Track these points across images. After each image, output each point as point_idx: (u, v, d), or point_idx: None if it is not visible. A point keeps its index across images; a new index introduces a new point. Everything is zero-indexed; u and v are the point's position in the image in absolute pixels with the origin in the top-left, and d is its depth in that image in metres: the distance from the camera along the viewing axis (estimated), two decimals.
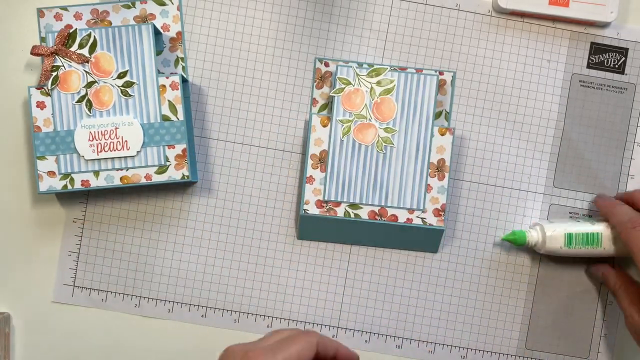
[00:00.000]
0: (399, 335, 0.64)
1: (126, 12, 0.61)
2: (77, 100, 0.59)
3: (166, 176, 0.59)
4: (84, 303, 0.63)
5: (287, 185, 0.63)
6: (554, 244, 0.60)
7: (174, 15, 0.62)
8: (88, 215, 0.63)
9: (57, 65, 0.59)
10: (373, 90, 0.60)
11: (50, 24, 0.60)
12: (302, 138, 0.63)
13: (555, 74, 0.64)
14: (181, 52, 0.63)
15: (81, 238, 0.63)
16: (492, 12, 0.64)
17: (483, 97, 0.64)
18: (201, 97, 0.63)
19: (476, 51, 0.64)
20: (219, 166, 0.63)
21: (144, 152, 0.59)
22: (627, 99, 0.64)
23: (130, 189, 0.63)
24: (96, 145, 0.59)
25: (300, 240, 0.64)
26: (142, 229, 0.63)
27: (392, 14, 0.63)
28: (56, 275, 0.63)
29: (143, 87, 0.59)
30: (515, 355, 0.64)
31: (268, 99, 0.63)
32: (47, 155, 0.59)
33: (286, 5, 0.63)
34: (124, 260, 0.63)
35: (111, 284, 0.63)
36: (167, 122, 0.59)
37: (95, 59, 0.59)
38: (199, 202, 0.63)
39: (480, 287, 0.64)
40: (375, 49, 0.63)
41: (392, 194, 0.61)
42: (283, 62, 0.63)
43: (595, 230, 0.60)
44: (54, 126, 0.59)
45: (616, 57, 0.64)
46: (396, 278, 0.64)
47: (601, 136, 0.64)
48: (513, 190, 0.64)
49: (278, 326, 0.63)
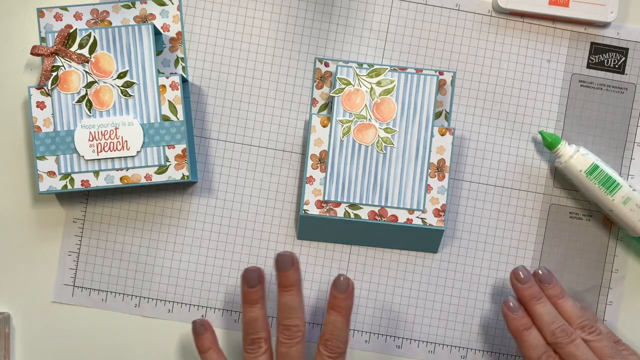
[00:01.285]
0: (399, 335, 0.64)
1: (126, 12, 0.61)
2: (77, 100, 0.59)
3: (166, 176, 0.59)
4: (84, 303, 0.63)
5: (287, 185, 0.63)
6: (579, 164, 0.60)
7: (174, 15, 0.62)
8: (88, 215, 0.63)
9: (57, 65, 0.59)
10: (373, 90, 0.60)
11: (50, 24, 0.60)
12: (302, 138, 0.63)
13: (555, 74, 0.64)
14: (181, 52, 0.63)
15: (81, 238, 0.63)
16: (492, 12, 0.64)
17: (483, 97, 0.64)
18: (201, 97, 0.63)
19: (476, 51, 0.64)
20: (219, 166, 0.63)
21: (144, 152, 0.59)
22: (627, 99, 0.64)
23: (130, 189, 0.63)
24: (96, 145, 0.59)
25: (300, 240, 0.64)
26: (142, 229, 0.63)
27: (392, 14, 0.63)
28: (56, 275, 0.63)
29: (143, 87, 0.59)
30: (516, 355, 0.64)
31: (268, 99, 0.63)
32: (47, 155, 0.59)
33: (286, 5, 0.63)
34: (124, 260, 0.63)
35: (111, 284, 0.63)
36: (167, 122, 0.59)
37: (95, 59, 0.59)
38: (199, 202, 0.63)
39: (480, 287, 0.64)
40: (375, 49, 0.63)
41: (392, 194, 0.61)
42: (283, 62, 0.63)
43: (619, 180, 0.60)
44: (54, 126, 0.59)
45: (616, 57, 0.64)
46: (396, 278, 0.64)
47: (601, 136, 0.64)
48: (513, 190, 0.64)
49: None
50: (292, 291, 0.55)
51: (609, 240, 0.64)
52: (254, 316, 0.55)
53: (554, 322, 0.56)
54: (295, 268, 0.55)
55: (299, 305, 0.55)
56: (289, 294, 0.55)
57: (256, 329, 0.55)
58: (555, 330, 0.56)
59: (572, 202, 0.64)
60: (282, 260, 0.55)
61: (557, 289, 0.58)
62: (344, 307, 0.55)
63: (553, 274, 0.59)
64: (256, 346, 0.55)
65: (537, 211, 0.64)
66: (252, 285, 0.55)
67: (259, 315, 0.55)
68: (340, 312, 0.55)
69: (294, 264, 0.55)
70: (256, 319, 0.55)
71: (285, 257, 0.55)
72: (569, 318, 0.57)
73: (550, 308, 0.57)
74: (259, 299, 0.55)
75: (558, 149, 0.61)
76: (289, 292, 0.55)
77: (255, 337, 0.55)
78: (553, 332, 0.56)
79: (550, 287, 0.58)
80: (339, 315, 0.55)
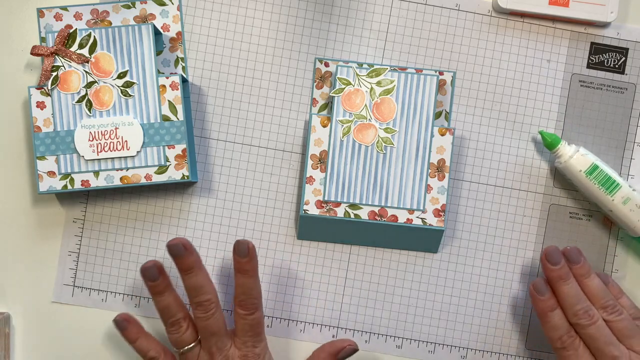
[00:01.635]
0: (399, 336, 0.64)
1: (126, 12, 0.61)
2: (77, 100, 0.59)
3: (166, 176, 0.59)
4: (84, 303, 0.63)
5: (287, 185, 0.63)
6: (579, 164, 0.60)
7: (174, 15, 0.62)
8: (88, 215, 0.63)
9: (57, 65, 0.59)
10: (373, 90, 0.60)
11: (50, 24, 0.60)
12: (302, 138, 0.63)
13: (555, 74, 0.64)
14: (181, 52, 0.63)
15: (81, 238, 0.63)
16: (492, 12, 0.64)
17: (483, 97, 0.64)
18: (201, 97, 0.63)
19: (476, 51, 0.64)
20: (219, 166, 0.63)
21: (144, 152, 0.59)
22: (627, 99, 0.64)
23: (130, 189, 0.63)
24: (96, 145, 0.59)
25: (300, 240, 0.64)
26: (142, 229, 0.63)
27: (392, 14, 0.63)
28: (56, 275, 0.63)
29: (143, 87, 0.59)
30: (516, 355, 0.64)
31: (268, 99, 0.63)
32: (47, 155, 0.59)
33: (286, 5, 0.63)
34: (124, 260, 0.63)
35: (111, 284, 0.63)
36: (167, 122, 0.59)
37: (95, 59, 0.59)
38: (199, 202, 0.63)
39: (480, 287, 0.64)
40: (375, 49, 0.63)
41: (392, 194, 0.61)
42: (283, 62, 0.63)
43: (618, 180, 0.60)
44: (54, 126, 0.59)
45: (616, 57, 0.64)
46: (396, 278, 0.64)
47: (601, 136, 0.64)
48: (513, 190, 0.64)
49: (277, 326, 0.63)
50: (193, 272, 0.57)
51: (609, 240, 0.64)
52: (166, 304, 0.58)
53: (578, 304, 0.57)
54: (189, 251, 0.57)
55: (205, 281, 0.57)
56: (192, 276, 0.57)
57: (172, 313, 0.57)
58: (578, 311, 0.57)
59: (572, 202, 0.64)
60: (174, 248, 0.56)
61: (585, 268, 0.59)
62: (250, 269, 0.57)
63: (581, 252, 0.59)
64: (177, 327, 0.57)
65: (537, 211, 0.64)
66: (154, 279, 0.57)
67: (169, 301, 0.58)
68: (247, 274, 0.57)
69: (187, 248, 0.56)
70: (168, 305, 0.57)
71: (176, 246, 0.56)
72: (593, 297, 0.58)
73: (576, 289, 0.58)
74: (165, 287, 0.58)
75: (558, 149, 0.61)
76: (191, 274, 0.57)
77: (174, 319, 0.57)
78: (575, 313, 0.57)
79: (579, 266, 0.59)
80: (247, 277, 0.57)
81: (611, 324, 0.57)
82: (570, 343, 0.57)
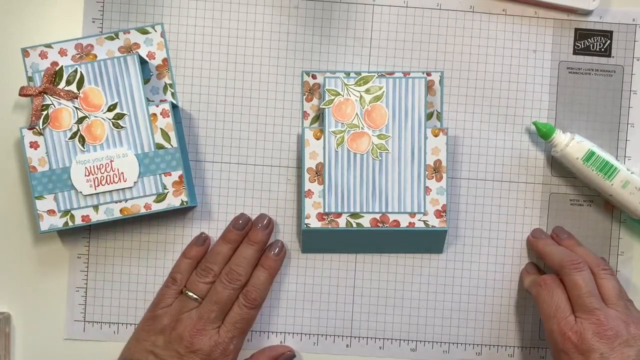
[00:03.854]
0: (412, 339, 0.64)
1: (110, 44, 0.61)
2: (70, 137, 0.59)
3: (165, 204, 0.59)
4: (96, 337, 0.63)
5: (287, 200, 0.63)
6: (575, 152, 0.60)
7: (158, 42, 0.62)
8: (92, 250, 0.63)
9: (47, 104, 0.59)
10: (362, 98, 0.61)
11: (37, 63, 0.60)
12: (296, 152, 0.64)
13: (542, 63, 0.64)
14: (169, 79, 0.63)
15: (87, 273, 0.63)
16: (474, 8, 0.64)
17: (473, 94, 0.64)
18: (192, 121, 0.63)
19: (462, 49, 0.64)
20: (217, 188, 0.63)
21: (141, 182, 0.59)
22: (616, 82, 0.64)
23: (131, 220, 0.63)
24: (93, 179, 0.59)
25: (305, 254, 0.64)
26: (147, 257, 0.63)
27: (374, 19, 0.63)
28: (66, 312, 0.63)
29: (134, 118, 0.59)
30: (530, 347, 0.64)
31: (259, 116, 0.63)
32: (45, 194, 0.59)
33: (268, 22, 0.63)
34: (131, 291, 0.63)
35: (121, 315, 0.63)
36: (162, 150, 0.59)
37: (84, 94, 0.59)
38: (201, 226, 0.63)
39: (488, 282, 0.64)
40: (361, 57, 0.63)
41: (392, 199, 0.61)
42: (270, 79, 0.63)
43: (616, 164, 0.60)
44: (49, 165, 0.59)
45: (601, 41, 0.64)
46: (404, 282, 0.64)
47: (594, 121, 0.64)
48: (512, 183, 0.64)
49: (291, 341, 0.64)
50: (255, 247, 0.59)
51: (612, 224, 0.64)
52: (221, 250, 0.60)
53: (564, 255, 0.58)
54: (269, 230, 0.60)
55: (252, 261, 0.59)
56: (250, 247, 0.59)
57: (215, 260, 0.59)
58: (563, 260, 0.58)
59: (572, 189, 0.64)
60: (260, 218, 0.61)
61: (573, 241, 0.62)
62: (273, 267, 0.60)
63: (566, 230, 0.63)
64: (205, 273, 0.59)
65: (538, 202, 0.64)
66: (239, 228, 0.60)
67: (224, 253, 0.60)
68: (268, 270, 0.60)
69: (269, 227, 0.60)
70: (220, 254, 0.60)
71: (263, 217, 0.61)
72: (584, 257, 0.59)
73: (563, 248, 0.60)
74: (234, 241, 0.60)
75: (553, 138, 0.61)
76: (252, 246, 0.59)
77: (210, 266, 0.59)
78: (561, 261, 0.58)
79: (566, 238, 0.62)
80: (265, 272, 0.60)
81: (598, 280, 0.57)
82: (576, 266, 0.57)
